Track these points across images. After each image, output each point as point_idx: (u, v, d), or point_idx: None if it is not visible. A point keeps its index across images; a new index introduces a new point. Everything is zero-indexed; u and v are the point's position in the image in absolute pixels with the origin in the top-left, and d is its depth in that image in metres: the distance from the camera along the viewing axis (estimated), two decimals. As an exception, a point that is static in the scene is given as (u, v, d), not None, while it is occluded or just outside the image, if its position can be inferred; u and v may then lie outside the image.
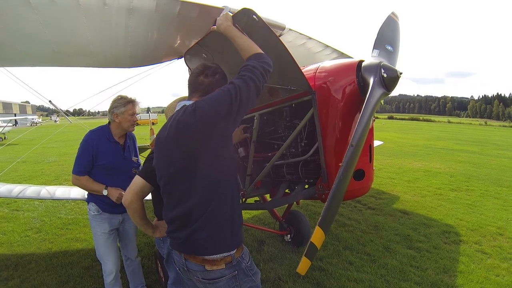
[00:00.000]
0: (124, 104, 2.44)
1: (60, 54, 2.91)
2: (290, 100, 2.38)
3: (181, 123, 1.38)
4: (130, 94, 2.52)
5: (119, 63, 3.35)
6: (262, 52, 1.51)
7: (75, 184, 2.48)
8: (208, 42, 2.29)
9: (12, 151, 13.62)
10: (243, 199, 2.89)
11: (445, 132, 31.35)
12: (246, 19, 1.70)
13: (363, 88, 2.01)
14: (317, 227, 1.71)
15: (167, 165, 1.45)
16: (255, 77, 1.38)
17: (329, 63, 2.28)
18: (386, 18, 2.40)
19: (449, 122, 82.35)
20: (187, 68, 3.07)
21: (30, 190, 3.32)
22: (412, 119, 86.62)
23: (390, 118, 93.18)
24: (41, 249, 4.03)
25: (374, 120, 2.31)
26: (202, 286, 1.48)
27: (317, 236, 1.70)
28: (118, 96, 2.52)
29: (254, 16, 1.69)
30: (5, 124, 20.05)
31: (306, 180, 2.46)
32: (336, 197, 1.73)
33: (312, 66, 2.35)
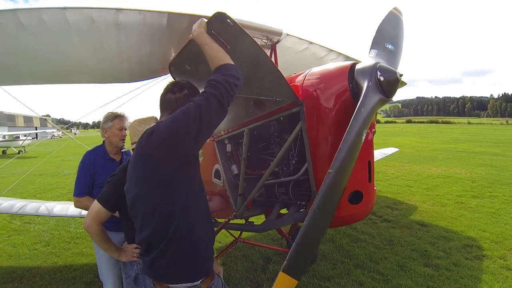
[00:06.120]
0: (111, 118, 2.46)
1: (60, 71, 2.94)
2: (277, 113, 2.12)
3: (139, 146, 1.33)
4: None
5: (117, 78, 3.33)
6: (230, 63, 1.37)
7: (77, 207, 2.50)
8: (188, 53, 2.06)
9: (30, 164, 14.09)
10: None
11: (465, 133, 30.22)
12: (220, 25, 1.56)
13: (357, 95, 1.72)
14: (280, 272, 1.34)
15: (130, 189, 1.39)
16: (218, 93, 1.25)
17: (318, 68, 2.02)
18: (387, 14, 2.13)
19: (469, 123, 79.68)
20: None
21: (30, 206, 3.35)
22: (431, 122, 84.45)
23: (408, 122, 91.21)
24: (47, 263, 4.08)
25: (374, 132, 2.05)
26: None
27: (281, 285, 1.34)
28: (108, 112, 2.53)
29: (228, 20, 1.55)
30: (24, 138, 20.98)
31: (298, 202, 2.19)
32: (307, 237, 1.35)
33: (302, 73, 2.10)
